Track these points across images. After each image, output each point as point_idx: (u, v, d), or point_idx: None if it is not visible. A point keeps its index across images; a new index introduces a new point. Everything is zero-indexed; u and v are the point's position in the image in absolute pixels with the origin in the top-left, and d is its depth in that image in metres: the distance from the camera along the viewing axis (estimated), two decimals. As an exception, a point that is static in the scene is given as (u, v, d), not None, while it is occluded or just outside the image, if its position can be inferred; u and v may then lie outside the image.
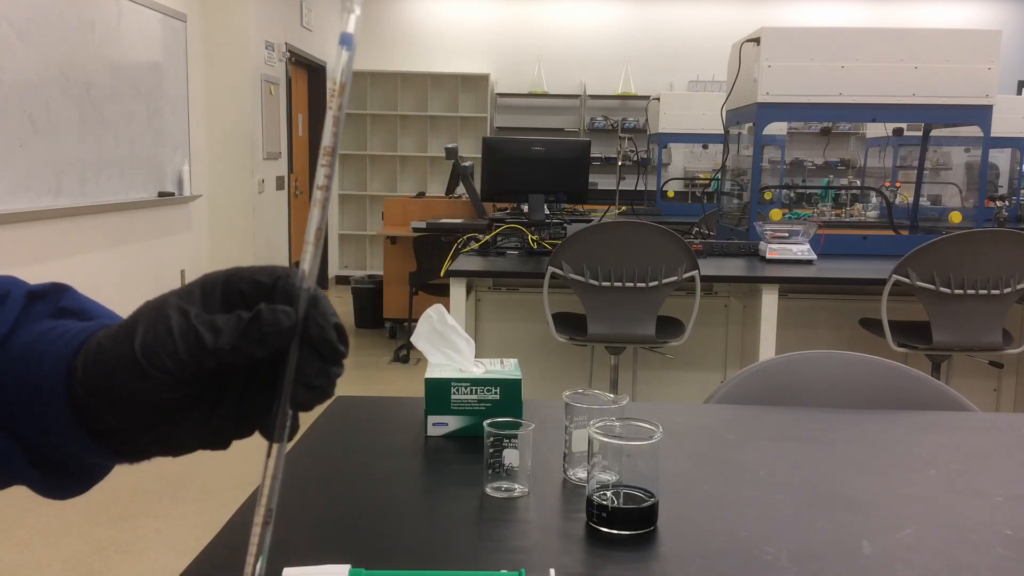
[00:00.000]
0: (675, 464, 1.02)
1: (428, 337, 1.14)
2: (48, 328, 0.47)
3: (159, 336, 0.42)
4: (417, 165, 8.88)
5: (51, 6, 3.97)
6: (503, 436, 0.93)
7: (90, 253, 4.49)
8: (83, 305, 0.51)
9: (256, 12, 6.22)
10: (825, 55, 3.37)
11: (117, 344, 0.43)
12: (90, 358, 0.44)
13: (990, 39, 3.37)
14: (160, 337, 0.42)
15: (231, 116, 6.13)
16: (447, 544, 0.83)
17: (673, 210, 5.90)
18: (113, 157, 4.59)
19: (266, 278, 0.44)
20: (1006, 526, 0.87)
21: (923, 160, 4.04)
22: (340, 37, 0.43)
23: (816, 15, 8.44)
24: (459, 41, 8.72)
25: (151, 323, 0.43)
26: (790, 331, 3.15)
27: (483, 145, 3.51)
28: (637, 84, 8.61)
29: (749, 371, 1.40)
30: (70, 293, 0.51)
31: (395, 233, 5.79)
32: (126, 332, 0.43)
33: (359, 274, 7.36)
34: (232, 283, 0.44)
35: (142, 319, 0.43)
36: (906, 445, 1.13)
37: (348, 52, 0.43)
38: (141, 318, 0.43)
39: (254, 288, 0.44)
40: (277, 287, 0.44)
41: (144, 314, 0.43)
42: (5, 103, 3.65)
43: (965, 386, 3.07)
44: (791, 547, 0.81)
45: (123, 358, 0.42)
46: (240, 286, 0.44)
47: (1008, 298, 2.74)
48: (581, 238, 2.80)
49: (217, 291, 0.44)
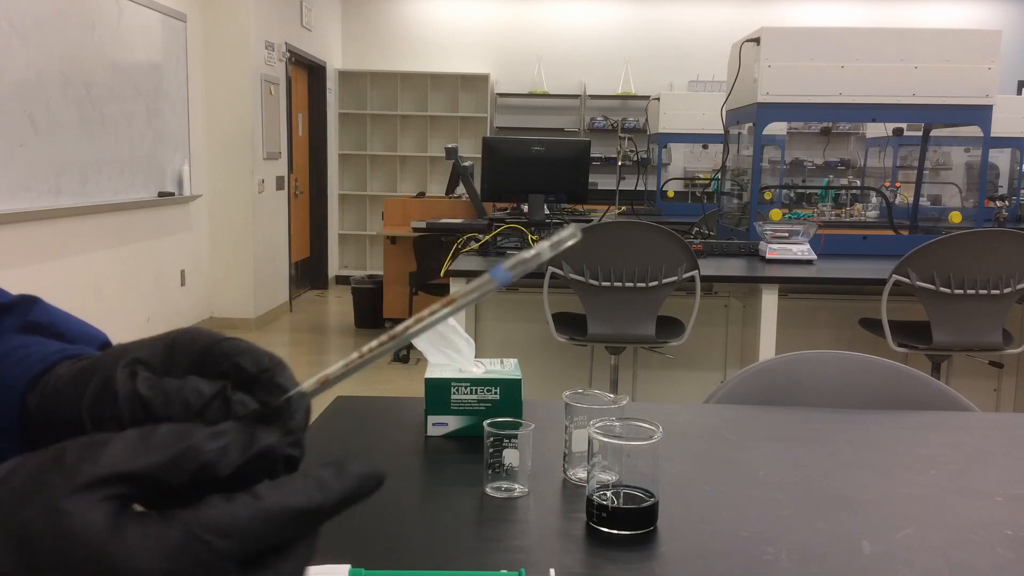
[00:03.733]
0: (675, 464, 1.02)
1: (428, 337, 1.14)
2: (11, 348, 0.45)
3: (105, 397, 0.38)
4: (417, 165, 8.88)
5: (51, 6, 3.97)
6: (503, 436, 0.93)
7: (90, 253, 4.49)
8: (53, 318, 0.48)
9: (256, 12, 6.22)
10: (825, 55, 3.37)
11: (70, 392, 0.40)
12: (46, 398, 0.41)
13: (990, 39, 3.37)
14: (106, 398, 0.38)
15: (231, 116, 6.13)
16: (447, 544, 0.83)
17: (673, 210, 5.90)
18: (113, 157, 4.59)
19: (250, 366, 0.38)
20: (1006, 526, 0.87)
21: (923, 160, 4.04)
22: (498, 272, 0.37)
23: (816, 15, 8.44)
24: (459, 41, 8.72)
25: (104, 380, 0.39)
26: (790, 331, 3.15)
27: (483, 145, 3.51)
28: (637, 84, 8.61)
29: (749, 371, 1.40)
30: (40, 306, 0.49)
31: (395, 233, 5.79)
32: (82, 380, 0.40)
33: (359, 274, 7.36)
34: (211, 357, 0.39)
35: (99, 370, 0.40)
36: (906, 445, 1.13)
37: (496, 285, 0.37)
38: (99, 368, 0.40)
39: (234, 372, 0.39)
40: (260, 380, 0.38)
41: (102, 365, 0.40)
42: (5, 103, 3.65)
43: (965, 386, 3.07)
44: (791, 547, 0.81)
45: (72, 410, 0.39)
46: (220, 365, 0.39)
47: (1008, 298, 2.74)
48: (581, 238, 2.80)
49: (186, 360, 0.39)
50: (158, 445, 0.33)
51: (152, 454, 0.32)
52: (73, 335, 0.48)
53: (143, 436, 0.33)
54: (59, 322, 0.48)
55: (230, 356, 0.39)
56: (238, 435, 0.34)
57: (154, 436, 0.33)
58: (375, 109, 8.73)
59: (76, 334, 0.48)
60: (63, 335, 0.47)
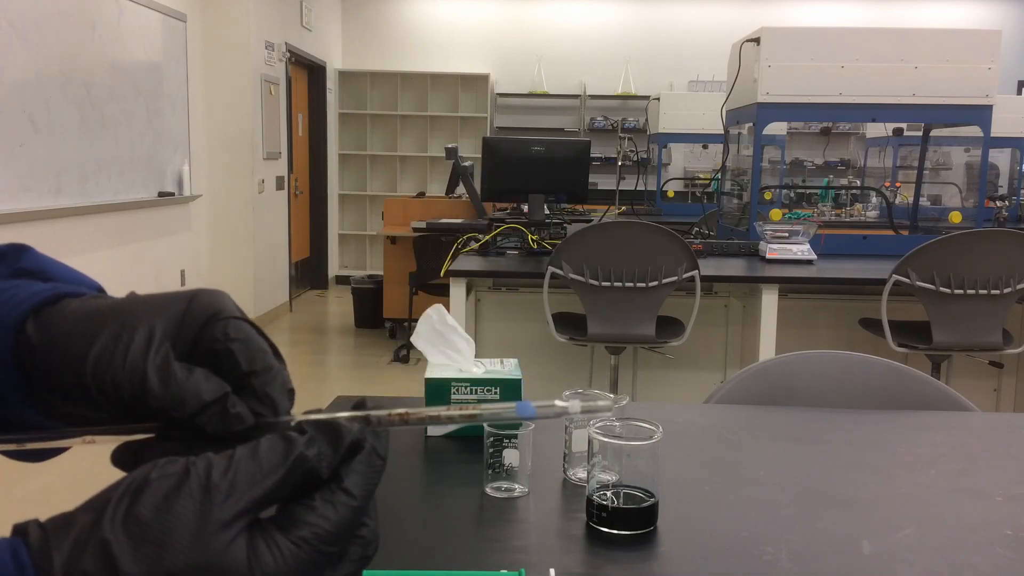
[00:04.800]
0: (675, 464, 1.02)
1: (428, 337, 1.14)
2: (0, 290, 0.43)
3: (114, 359, 0.37)
4: (417, 165, 8.88)
5: (51, 6, 3.97)
6: (503, 436, 0.93)
7: (90, 253, 4.49)
8: (42, 264, 0.47)
9: (256, 12, 6.22)
10: (825, 55, 3.37)
11: (79, 331, 0.39)
12: (52, 330, 0.40)
13: (990, 39, 3.37)
14: (114, 361, 0.37)
15: (231, 116, 6.13)
16: (447, 544, 0.83)
17: (673, 210, 5.90)
18: (113, 157, 4.59)
19: (242, 360, 0.38)
20: (1006, 526, 0.87)
21: (923, 160, 4.04)
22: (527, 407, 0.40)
23: (816, 15, 8.44)
24: (459, 41, 8.72)
25: (115, 336, 0.38)
26: (790, 331, 3.15)
27: (483, 145, 3.51)
28: (637, 84, 8.61)
29: (749, 371, 1.40)
30: (29, 253, 0.47)
31: (395, 233, 5.79)
32: (97, 322, 0.39)
33: (359, 274, 7.36)
34: (210, 332, 0.39)
35: (114, 321, 0.39)
36: (906, 445, 1.13)
37: (514, 415, 0.40)
38: (114, 318, 0.39)
39: (226, 356, 0.39)
40: (250, 383, 0.38)
41: (120, 314, 0.39)
42: (5, 103, 3.65)
43: (965, 386, 3.07)
44: (791, 547, 0.81)
45: (78, 348, 0.38)
46: (215, 345, 0.39)
47: (1008, 298, 2.74)
48: (581, 238, 2.80)
49: (196, 325, 0.39)
50: (271, 464, 0.35)
51: (270, 475, 0.34)
52: (65, 280, 0.47)
53: (252, 455, 0.35)
54: (49, 268, 0.47)
55: (226, 340, 0.39)
56: (325, 435, 0.36)
57: (262, 453, 0.35)
58: (375, 109, 8.73)
59: (68, 279, 0.47)
60: (54, 280, 0.46)
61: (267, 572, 0.33)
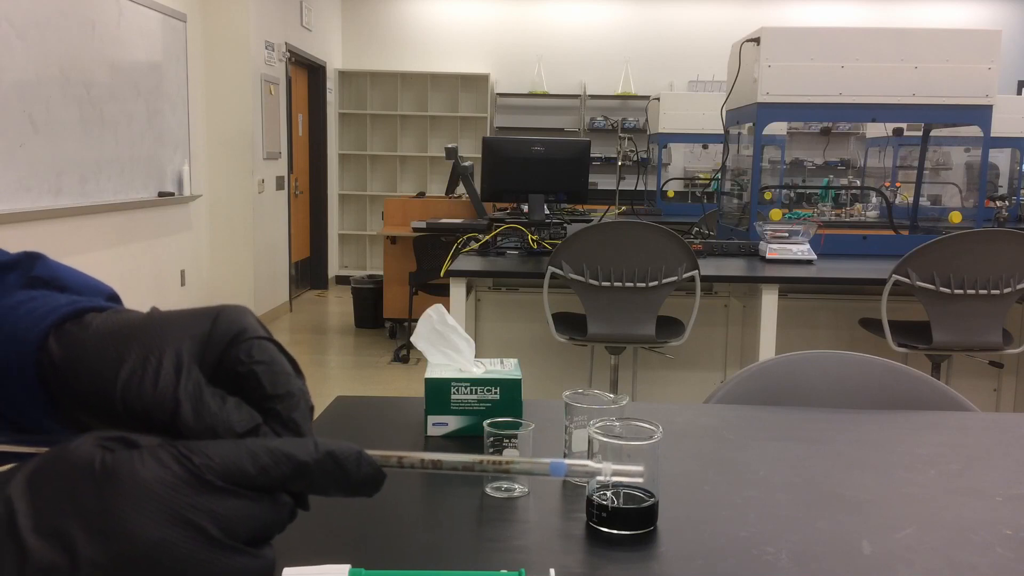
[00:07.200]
0: (675, 464, 1.02)
1: (428, 337, 1.14)
2: (18, 303, 0.43)
3: (144, 383, 0.37)
4: (417, 165, 8.89)
5: (51, 6, 3.97)
6: (503, 436, 0.93)
7: (90, 253, 4.49)
8: (56, 273, 0.47)
9: (256, 12, 6.22)
10: (825, 55, 3.37)
11: (104, 351, 0.39)
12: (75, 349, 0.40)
13: (990, 39, 3.37)
14: (144, 385, 0.37)
15: (231, 116, 6.13)
16: (447, 544, 0.83)
17: (673, 210, 5.90)
18: (113, 157, 4.59)
19: (266, 383, 0.39)
20: (1006, 526, 0.87)
21: (923, 160, 4.04)
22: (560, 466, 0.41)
23: (816, 15, 8.44)
24: (459, 41, 8.72)
25: (143, 359, 0.38)
26: (790, 331, 3.15)
27: (483, 145, 3.51)
28: (637, 84, 8.61)
29: (749, 371, 1.40)
30: (42, 261, 0.47)
31: (395, 233, 5.79)
32: (120, 342, 0.39)
33: (359, 274, 7.36)
34: (234, 353, 0.39)
35: (139, 343, 0.38)
36: (906, 445, 1.13)
37: (547, 471, 0.41)
38: (140, 339, 0.39)
39: (249, 377, 0.39)
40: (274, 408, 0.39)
41: (146, 336, 0.39)
42: (5, 103, 3.65)
43: (965, 386, 3.07)
44: (791, 547, 0.81)
45: (104, 368, 0.38)
46: (239, 367, 0.39)
47: (1008, 298, 2.74)
48: (581, 238, 2.80)
49: (221, 345, 0.39)
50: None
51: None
52: (79, 288, 0.47)
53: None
54: (63, 276, 0.47)
55: (251, 362, 0.39)
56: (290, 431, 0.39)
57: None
58: (375, 109, 8.73)
59: (82, 287, 0.47)
60: (68, 288, 0.46)
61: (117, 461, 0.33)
